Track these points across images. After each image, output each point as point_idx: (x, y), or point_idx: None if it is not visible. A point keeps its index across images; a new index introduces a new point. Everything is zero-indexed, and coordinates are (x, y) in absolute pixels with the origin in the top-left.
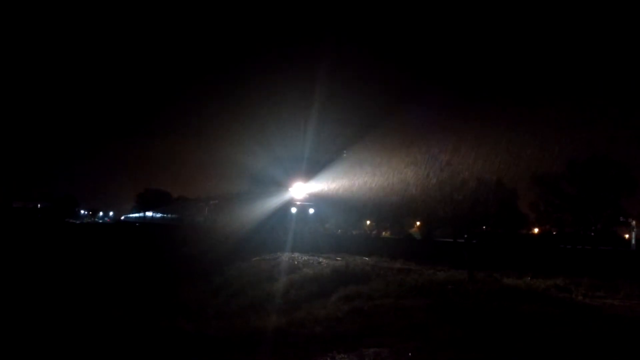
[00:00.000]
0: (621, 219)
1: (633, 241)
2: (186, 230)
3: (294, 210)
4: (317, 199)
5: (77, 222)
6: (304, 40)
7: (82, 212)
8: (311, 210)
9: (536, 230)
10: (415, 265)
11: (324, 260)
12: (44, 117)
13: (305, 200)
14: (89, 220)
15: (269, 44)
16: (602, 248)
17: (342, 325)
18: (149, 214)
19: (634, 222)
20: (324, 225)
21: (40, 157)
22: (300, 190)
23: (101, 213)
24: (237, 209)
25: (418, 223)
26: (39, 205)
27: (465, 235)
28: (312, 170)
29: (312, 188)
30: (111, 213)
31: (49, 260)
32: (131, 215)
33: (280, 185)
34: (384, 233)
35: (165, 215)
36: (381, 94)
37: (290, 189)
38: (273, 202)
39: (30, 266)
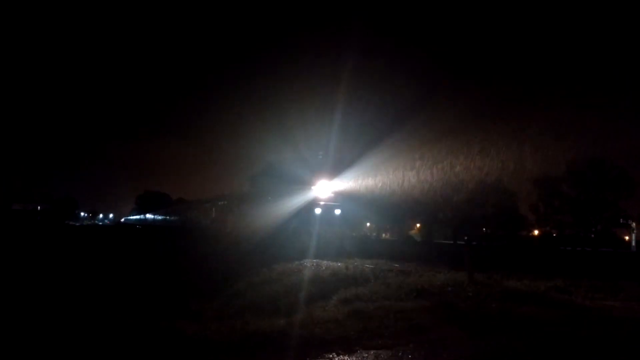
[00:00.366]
0: (621, 220)
1: (633, 242)
2: (191, 234)
3: (318, 211)
4: (343, 199)
5: (77, 224)
6: (330, 33)
7: (81, 214)
8: (337, 211)
9: (536, 232)
10: (415, 267)
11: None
12: (45, 119)
13: (330, 200)
14: (89, 223)
15: (293, 36)
16: (602, 249)
17: (342, 327)
18: (149, 216)
19: (633, 224)
20: (352, 228)
21: (40, 159)
22: (324, 188)
23: (101, 215)
24: (250, 210)
25: (418, 225)
26: (38, 208)
27: (466, 237)
28: (337, 167)
29: (337, 186)
30: (111, 215)
31: (48, 262)
32: (131, 217)
33: (302, 183)
34: (383, 235)
35: (166, 217)
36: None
37: (313, 188)
38: (294, 202)
39: (30, 269)
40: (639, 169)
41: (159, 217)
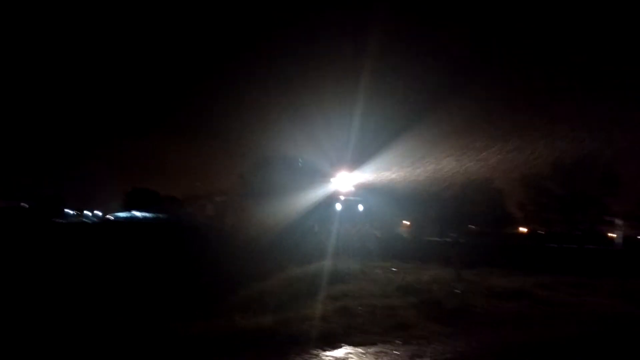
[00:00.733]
0: (606, 218)
1: (618, 240)
2: (186, 232)
3: (338, 206)
4: (366, 193)
5: (64, 221)
6: (350, 17)
7: (68, 211)
8: (360, 207)
9: (524, 229)
10: (402, 264)
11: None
12: (29, 116)
13: (352, 194)
14: (76, 220)
15: (310, 17)
16: (588, 247)
17: (328, 323)
18: (137, 213)
19: (619, 221)
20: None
21: (25, 156)
22: (345, 181)
23: (88, 212)
24: (257, 206)
25: (407, 222)
26: (22, 204)
27: (453, 234)
28: (360, 157)
29: (359, 178)
30: (99, 212)
31: (35, 260)
32: (119, 214)
33: (319, 175)
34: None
35: (157, 214)
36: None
37: (332, 180)
38: (310, 196)
39: (16, 267)
40: (626, 167)
41: (149, 215)
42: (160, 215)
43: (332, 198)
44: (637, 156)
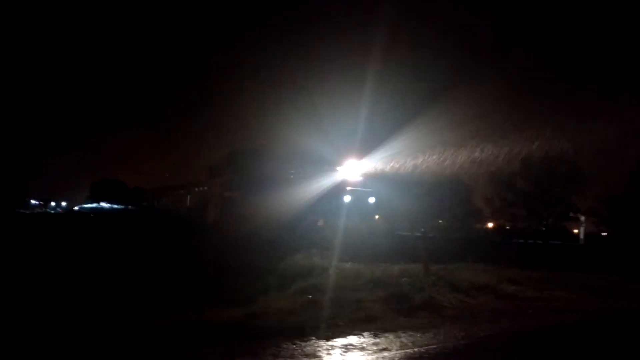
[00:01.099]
0: (571, 214)
1: (582, 236)
2: (159, 223)
3: (347, 199)
4: (378, 183)
5: (28, 212)
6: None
7: (32, 202)
8: (371, 200)
9: (491, 224)
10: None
11: None
12: None
13: (361, 184)
14: (40, 210)
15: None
16: (553, 242)
17: (297, 317)
18: (105, 205)
19: (583, 218)
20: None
21: None
22: (353, 170)
23: (53, 203)
24: (247, 197)
25: (377, 217)
26: None
27: (422, 229)
28: (370, 142)
29: (370, 167)
30: (64, 203)
31: None
32: (86, 205)
33: (323, 162)
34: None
35: (126, 205)
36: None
37: (338, 169)
38: (311, 187)
39: None
40: (592, 164)
41: (118, 206)
42: (130, 207)
43: (337, 190)
44: (602, 154)
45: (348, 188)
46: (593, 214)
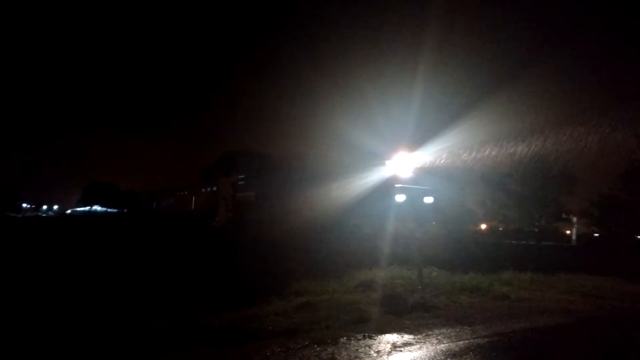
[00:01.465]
0: (563, 215)
1: (574, 237)
2: (161, 227)
3: (399, 198)
4: (434, 180)
5: (19, 215)
6: None
7: (24, 205)
8: (428, 200)
9: (484, 226)
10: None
11: None
12: None
13: (414, 181)
14: (32, 214)
15: None
16: (545, 243)
17: (291, 319)
18: (98, 208)
19: (574, 219)
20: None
21: None
22: (405, 164)
23: (45, 207)
24: (268, 198)
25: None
26: None
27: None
28: (424, 133)
29: (421, 161)
30: (56, 207)
31: None
32: (78, 208)
33: (369, 156)
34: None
35: (121, 209)
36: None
37: (387, 162)
38: (350, 186)
39: None
40: (583, 167)
41: (111, 210)
42: (125, 210)
43: (386, 187)
44: (593, 156)
45: (398, 185)
46: (585, 215)
